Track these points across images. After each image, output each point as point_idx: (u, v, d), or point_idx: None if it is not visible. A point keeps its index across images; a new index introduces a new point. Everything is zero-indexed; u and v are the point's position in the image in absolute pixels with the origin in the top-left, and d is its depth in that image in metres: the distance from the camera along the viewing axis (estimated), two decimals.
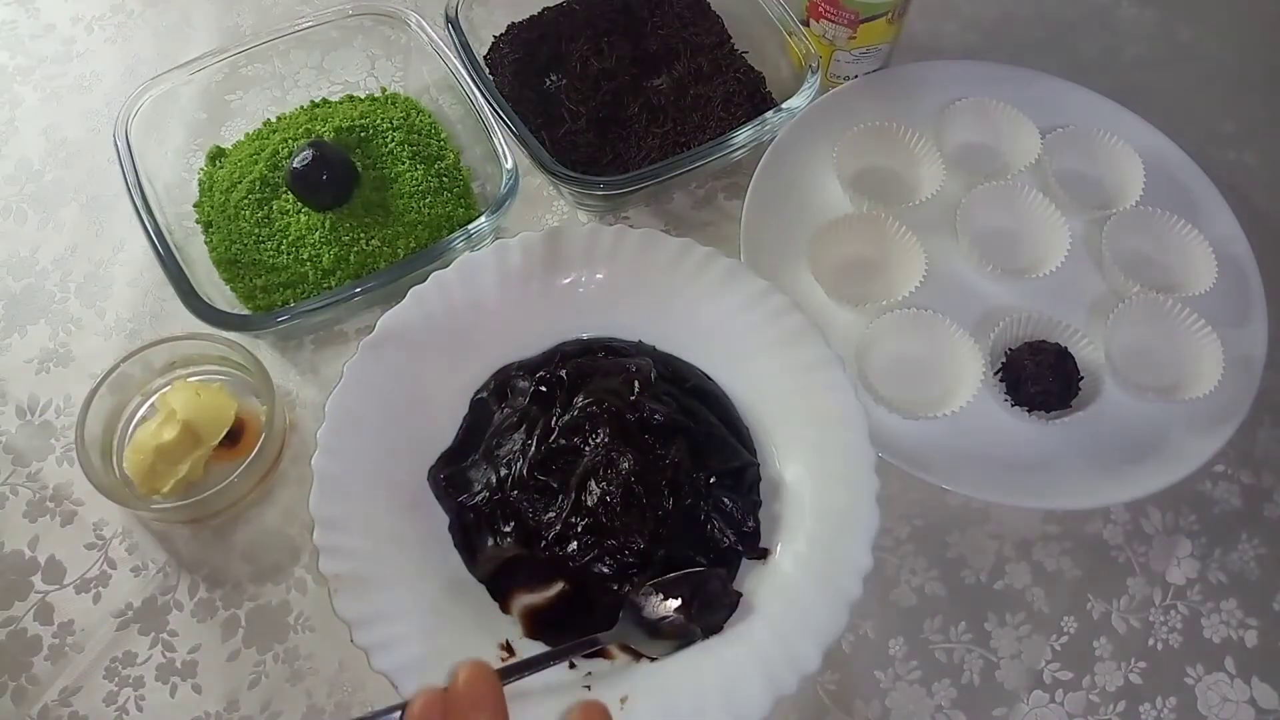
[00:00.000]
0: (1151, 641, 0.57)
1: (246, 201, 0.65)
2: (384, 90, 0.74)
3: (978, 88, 0.71)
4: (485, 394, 0.59)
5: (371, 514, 0.53)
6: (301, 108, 0.73)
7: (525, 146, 0.64)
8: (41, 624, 0.57)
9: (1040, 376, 0.60)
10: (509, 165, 0.63)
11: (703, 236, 0.63)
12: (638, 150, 0.69)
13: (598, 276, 0.61)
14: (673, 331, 0.60)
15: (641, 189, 0.65)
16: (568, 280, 0.61)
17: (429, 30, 0.70)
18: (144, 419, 0.61)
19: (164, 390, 0.61)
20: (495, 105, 0.65)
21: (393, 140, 0.68)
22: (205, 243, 0.67)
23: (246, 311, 0.64)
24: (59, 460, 0.62)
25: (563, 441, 0.55)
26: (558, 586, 0.53)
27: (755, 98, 0.71)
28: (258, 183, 0.66)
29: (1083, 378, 0.61)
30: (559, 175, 0.63)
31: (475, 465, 0.56)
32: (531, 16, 0.75)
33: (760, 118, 0.66)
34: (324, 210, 0.64)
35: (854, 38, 0.69)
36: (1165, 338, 0.63)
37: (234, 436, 0.59)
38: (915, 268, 0.63)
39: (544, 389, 0.57)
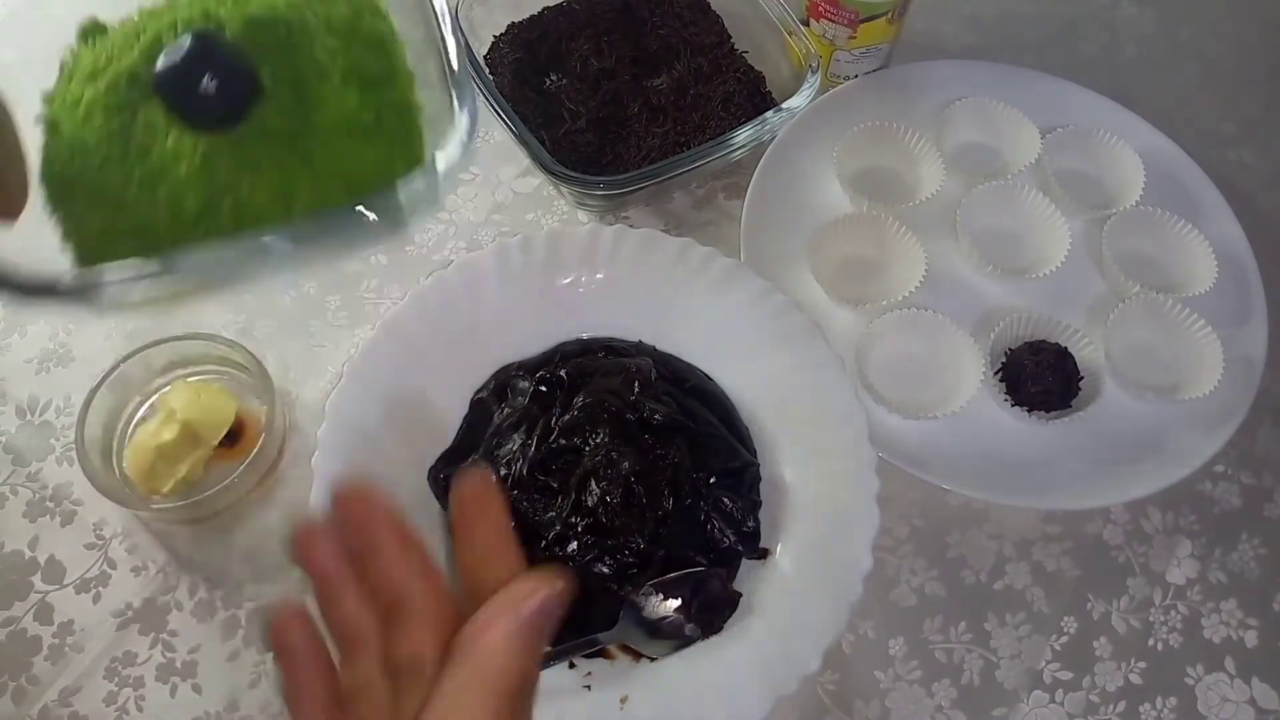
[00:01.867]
0: (1151, 641, 0.57)
1: (105, 102, 0.45)
2: None
3: (978, 88, 0.71)
4: (485, 394, 0.59)
5: None
6: None
7: (525, 146, 0.64)
8: (41, 624, 0.57)
9: (1040, 376, 0.60)
10: (463, 118, 0.41)
11: (703, 236, 0.63)
12: (638, 150, 0.69)
13: (598, 276, 0.61)
14: (673, 331, 0.60)
15: (641, 189, 0.65)
16: (568, 280, 0.61)
17: None
18: (144, 419, 0.61)
19: (164, 390, 0.61)
20: (495, 105, 0.65)
21: (324, 48, 0.46)
22: (41, 150, 0.46)
23: (58, 267, 0.41)
24: (59, 460, 0.62)
25: (562, 441, 0.55)
26: None
27: (755, 98, 0.71)
28: (125, 78, 0.44)
29: (1083, 378, 0.61)
30: (559, 175, 0.63)
31: (475, 465, 0.56)
32: (531, 16, 0.75)
33: (760, 118, 0.66)
34: (202, 131, 0.42)
35: (854, 38, 0.69)
36: (1165, 338, 0.63)
37: (234, 436, 0.59)
38: (915, 268, 0.63)
39: (544, 389, 0.57)
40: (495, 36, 0.75)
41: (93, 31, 0.48)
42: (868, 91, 0.72)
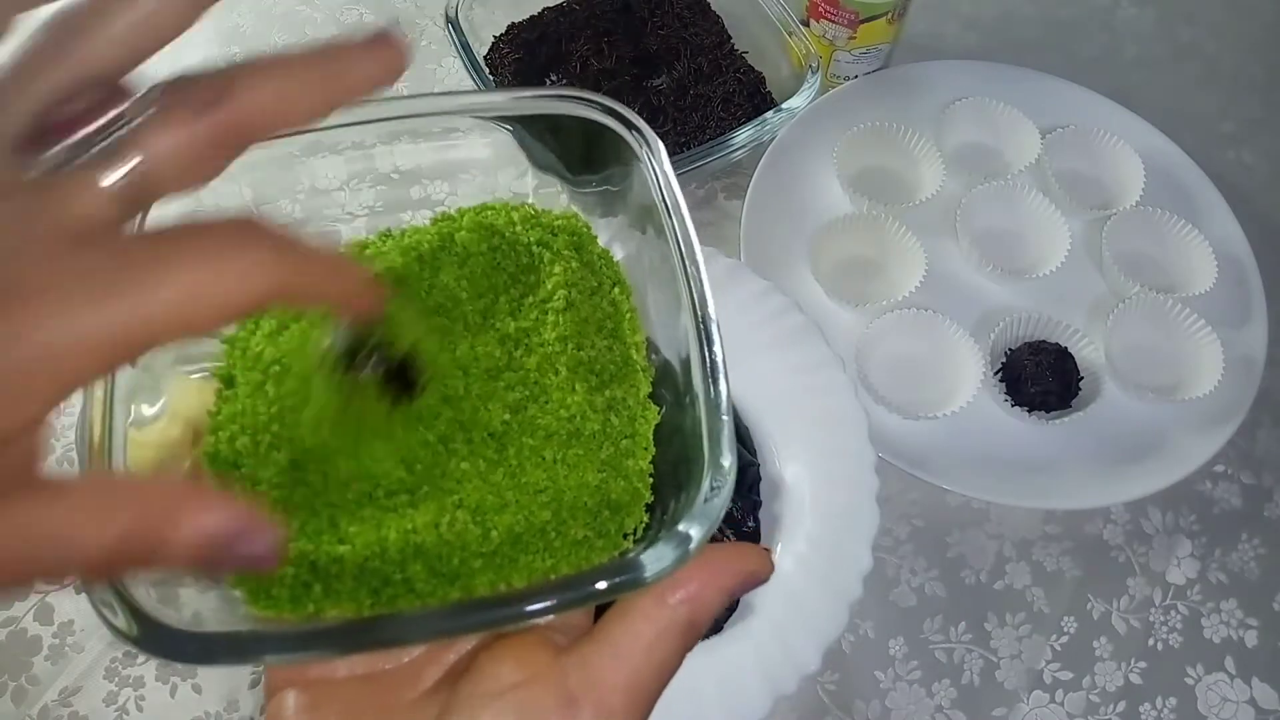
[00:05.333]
0: (1151, 641, 0.57)
1: (295, 366, 0.32)
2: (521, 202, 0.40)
3: (978, 88, 0.71)
4: None
5: None
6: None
7: (525, 147, 0.64)
8: (41, 624, 0.57)
9: (1040, 376, 0.60)
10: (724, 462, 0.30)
11: (703, 236, 0.62)
12: None
13: None
14: None
15: None
16: None
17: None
18: (146, 418, 0.61)
19: (166, 389, 0.61)
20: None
21: (554, 327, 0.35)
22: (216, 411, 0.34)
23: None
24: (59, 460, 0.62)
25: None
26: None
27: (755, 98, 0.71)
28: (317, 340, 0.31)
29: (1083, 378, 0.61)
30: (559, 176, 0.63)
31: None
32: (531, 16, 0.75)
33: (760, 118, 0.66)
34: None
35: (854, 38, 0.69)
36: (1165, 338, 0.63)
37: None
38: (915, 268, 0.63)
39: None
40: (495, 37, 0.75)
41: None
42: (868, 92, 0.72)
